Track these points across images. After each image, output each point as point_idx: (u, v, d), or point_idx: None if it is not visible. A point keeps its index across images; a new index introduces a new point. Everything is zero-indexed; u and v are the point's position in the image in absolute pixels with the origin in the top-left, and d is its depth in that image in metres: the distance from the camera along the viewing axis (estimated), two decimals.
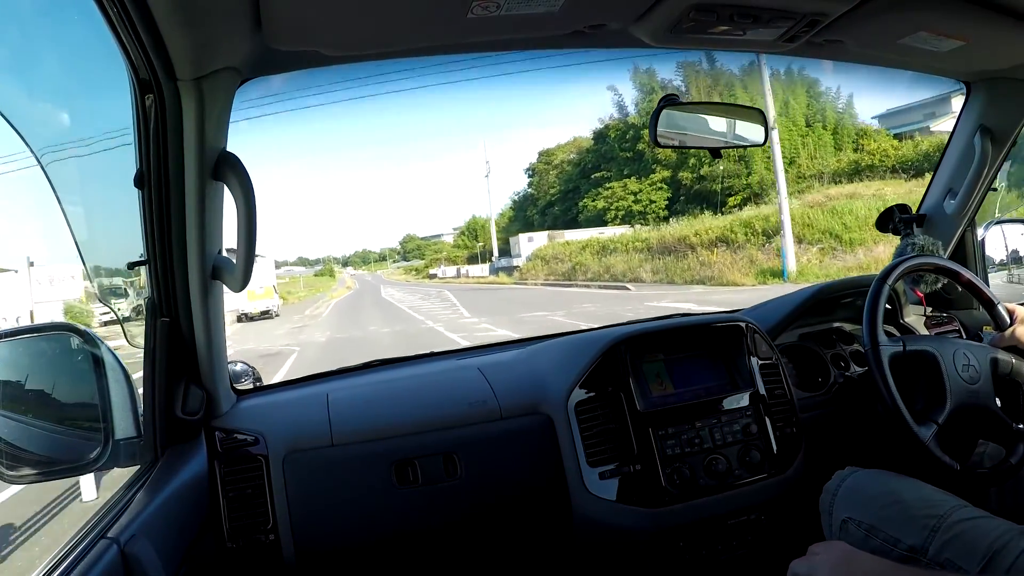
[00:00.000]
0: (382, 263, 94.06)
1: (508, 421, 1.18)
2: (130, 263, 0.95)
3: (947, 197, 1.51)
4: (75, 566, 0.69)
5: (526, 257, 30.35)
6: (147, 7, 0.69)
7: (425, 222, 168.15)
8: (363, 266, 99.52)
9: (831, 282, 1.54)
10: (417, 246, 78.80)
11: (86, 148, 1.05)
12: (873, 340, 1.12)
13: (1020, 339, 1.19)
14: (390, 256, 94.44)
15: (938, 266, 1.26)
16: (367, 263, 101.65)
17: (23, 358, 0.95)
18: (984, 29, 1.05)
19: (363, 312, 18.07)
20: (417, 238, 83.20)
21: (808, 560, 0.79)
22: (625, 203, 27.45)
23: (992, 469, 1.06)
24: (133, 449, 0.95)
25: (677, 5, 0.89)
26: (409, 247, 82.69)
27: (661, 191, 26.40)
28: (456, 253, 52.38)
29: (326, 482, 1.09)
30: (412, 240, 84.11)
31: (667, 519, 1.13)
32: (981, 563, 0.78)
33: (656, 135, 1.20)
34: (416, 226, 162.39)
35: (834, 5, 0.93)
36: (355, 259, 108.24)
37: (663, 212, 25.46)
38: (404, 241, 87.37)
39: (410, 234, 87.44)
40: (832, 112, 21.12)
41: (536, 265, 28.19)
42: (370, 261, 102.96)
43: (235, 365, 1.29)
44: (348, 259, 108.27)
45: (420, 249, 75.80)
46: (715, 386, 1.23)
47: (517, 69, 20.07)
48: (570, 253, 25.42)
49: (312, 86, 16.35)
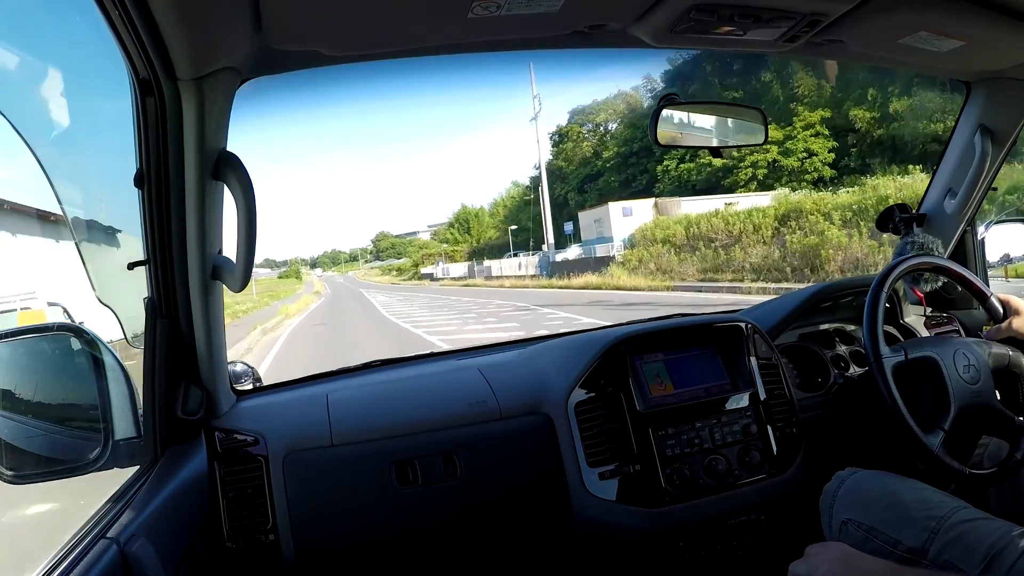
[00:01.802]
0: (353, 263, 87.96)
1: (508, 421, 1.18)
2: (130, 263, 0.95)
3: (947, 197, 1.51)
4: (75, 566, 0.69)
5: (623, 242, 20.09)
6: (147, 7, 0.69)
7: (398, 220, 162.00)
8: (333, 267, 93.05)
9: (831, 282, 1.54)
10: (392, 244, 73.35)
11: (86, 148, 1.05)
12: (876, 352, 1.11)
13: (1017, 330, 1.19)
14: (362, 256, 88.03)
15: (934, 265, 1.27)
16: (337, 264, 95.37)
17: (23, 358, 0.95)
18: (984, 29, 1.04)
19: (356, 351, 8.54)
20: (391, 236, 77.48)
21: (807, 561, 0.79)
22: (764, 158, 18.35)
23: (997, 466, 1.06)
24: (133, 449, 0.95)
25: (677, 5, 0.89)
26: (383, 245, 76.88)
27: (820, 139, 18.08)
28: (455, 249, 45.81)
29: (326, 482, 1.09)
30: (386, 238, 78.48)
31: (667, 519, 1.13)
32: (981, 564, 0.78)
33: (656, 134, 1.20)
34: (389, 224, 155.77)
35: (834, 5, 0.93)
36: (324, 260, 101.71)
37: (826, 171, 17.68)
38: (377, 239, 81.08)
39: (383, 232, 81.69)
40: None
41: (643, 254, 18.55)
42: (340, 262, 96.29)
43: (235, 365, 1.29)
44: (317, 260, 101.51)
45: (395, 247, 70.27)
46: (715, 386, 1.23)
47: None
48: (714, 231, 16.78)
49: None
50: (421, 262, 49.14)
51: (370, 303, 20.98)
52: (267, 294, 30.90)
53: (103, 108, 1.10)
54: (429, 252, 51.33)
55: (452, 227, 50.26)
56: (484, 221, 46.34)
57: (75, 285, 7.57)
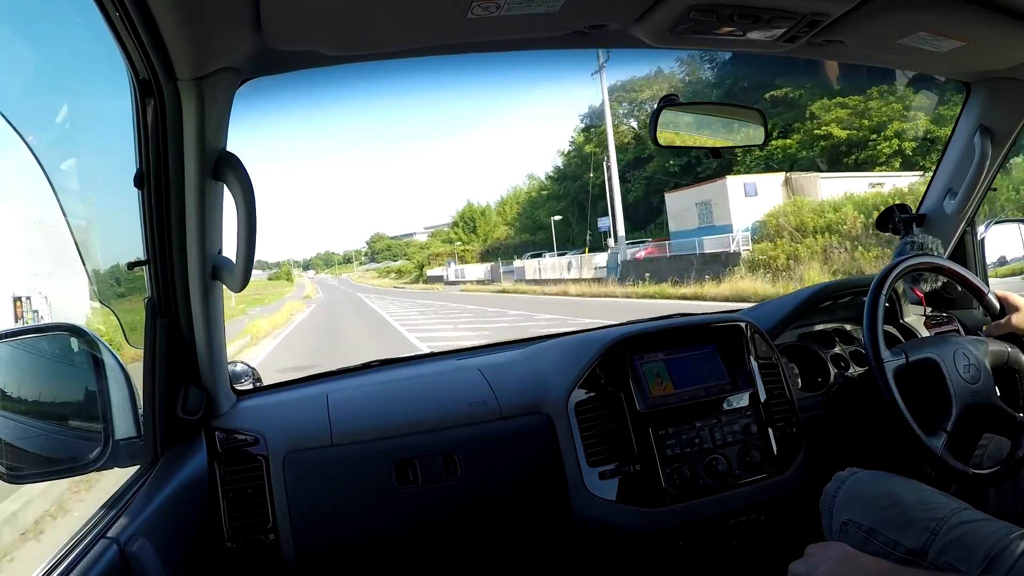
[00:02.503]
0: (347, 266, 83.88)
1: (508, 421, 1.18)
2: (130, 263, 0.95)
3: (947, 197, 1.51)
4: (75, 566, 0.69)
5: (747, 233, 14.48)
6: (147, 7, 0.69)
7: (393, 222, 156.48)
8: (326, 269, 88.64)
9: (831, 282, 1.55)
10: (388, 246, 69.52)
11: (86, 148, 1.05)
12: (877, 356, 1.11)
13: (1016, 326, 1.19)
14: (356, 258, 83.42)
15: (931, 264, 1.27)
16: (330, 265, 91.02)
17: (23, 358, 0.95)
18: (984, 29, 1.05)
19: None
20: (387, 237, 73.54)
21: (807, 561, 0.79)
22: (911, 126, 13.31)
23: (1000, 465, 1.06)
24: (133, 449, 0.95)
25: (677, 5, 0.89)
26: (378, 247, 72.75)
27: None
28: (465, 249, 41.56)
29: (326, 482, 1.09)
30: (381, 239, 74.24)
31: (667, 519, 1.13)
32: (981, 565, 0.78)
33: (656, 135, 1.20)
34: (384, 226, 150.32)
35: (834, 5, 0.93)
36: (317, 261, 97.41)
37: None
38: (372, 241, 76.67)
39: (379, 233, 77.25)
40: None
41: (789, 249, 13.27)
42: (334, 264, 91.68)
43: (235, 365, 1.29)
44: (310, 262, 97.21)
45: (391, 249, 66.97)
46: (715, 386, 1.23)
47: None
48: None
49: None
50: (427, 263, 44.41)
51: (380, 317, 14.91)
52: (250, 299, 25.61)
53: (103, 108, 1.10)
54: (435, 252, 46.70)
55: (456, 226, 45.91)
56: (492, 219, 42.79)
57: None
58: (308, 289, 36.81)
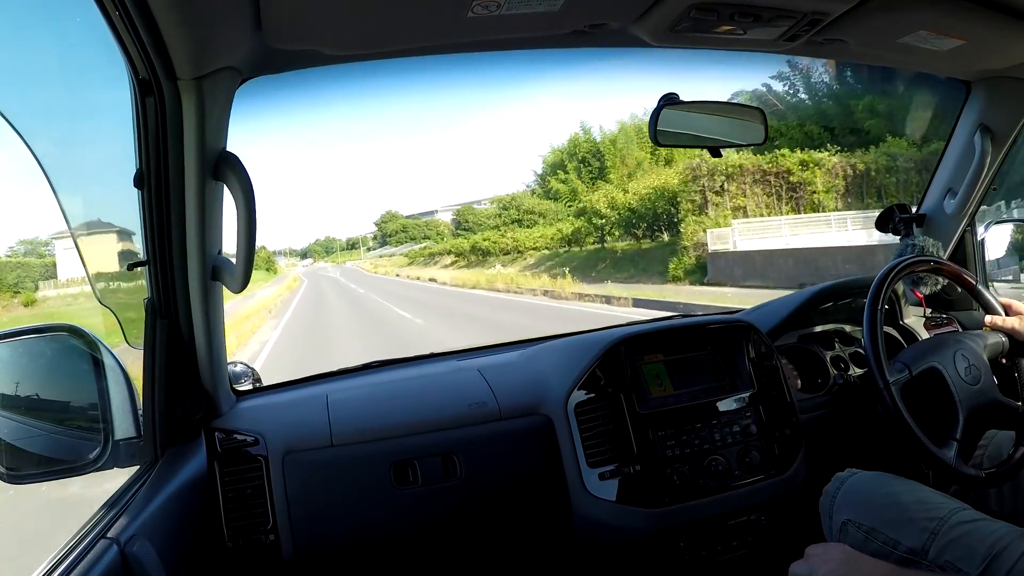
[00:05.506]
0: (351, 252, 66.79)
1: (508, 422, 1.18)
2: (130, 264, 0.95)
3: (947, 197, 1.51)
4: (75, 566, 0.69)
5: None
6: (147, 7, 0.69)
7: (408, 201, 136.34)
8: (326, 256, 71.92)
9: (831, 283, 1.54)
10: (403, 226, 51.89)
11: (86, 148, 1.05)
12: (883, 378, 1.11)
13: (1019, 331, 1.20)
14: (363, 243, 65.68)
15: (929, 266, 1.28)
16: (330, 252, 73.28)
17: (23, 358, 0.95)
18: (984, 29, 1.04)
19: None
20: (401, 216, 54.55)
21: (807, 561, 0.79)
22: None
23: (1003, 463, 1.07)
24: (133, 449, 0.96)
25: (677, 4, 0.89)
26: (391, 228, 53.68)
27: None
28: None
29: (326, 482, 1.09)
30: (394, 219, 54.52)
31: (667, 520, 1.13)
32: (981, 566, 0.78)
33: (656, 134, 1.20)
34: (396, 204, 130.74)
35: (834, 4, 0.93)
36: (316, 248, 78.73)
37: None
38: (383, 221, 56.34)
39: (391, 211, 56.57)
40: None
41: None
42: (334, 250, 73.32)
43: (235, 366, 1.29)
44: (307, 250, 78.63)
45: (407, 230, 50.56)
46: (715, 387, 1.23)
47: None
48: None
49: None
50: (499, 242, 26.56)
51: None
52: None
53: (103, 108, 1.10)
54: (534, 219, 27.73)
55: (555, 176, 26.33)
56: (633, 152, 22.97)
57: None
58: (289, 283, 20.77)
